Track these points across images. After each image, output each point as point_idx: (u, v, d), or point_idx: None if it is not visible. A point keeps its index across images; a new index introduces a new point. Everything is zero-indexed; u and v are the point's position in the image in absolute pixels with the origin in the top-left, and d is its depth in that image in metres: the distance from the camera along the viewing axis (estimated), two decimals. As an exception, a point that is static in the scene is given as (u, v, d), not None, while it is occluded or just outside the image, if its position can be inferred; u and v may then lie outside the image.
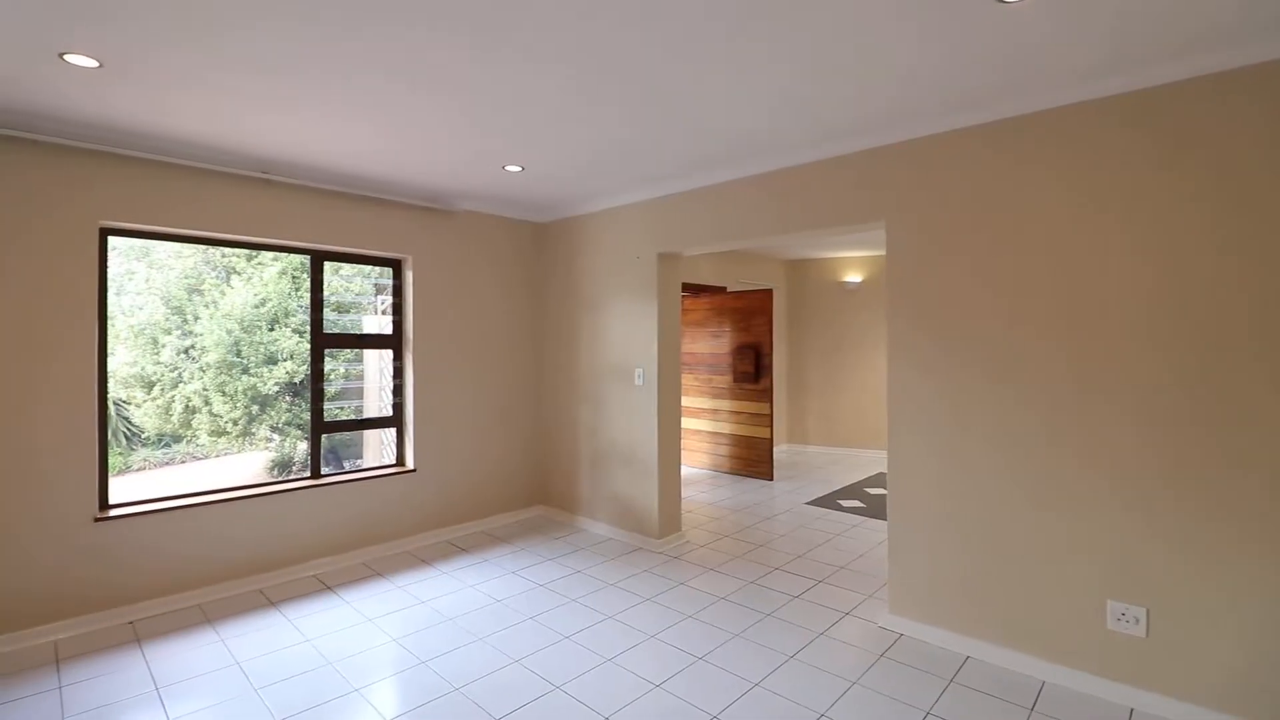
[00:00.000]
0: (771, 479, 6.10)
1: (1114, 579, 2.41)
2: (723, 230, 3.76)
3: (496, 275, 4.74)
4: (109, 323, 3.21)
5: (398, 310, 4.34)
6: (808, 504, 5.26)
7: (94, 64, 2.29)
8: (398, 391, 4.32)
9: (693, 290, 6.75)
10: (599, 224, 4.50)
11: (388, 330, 4.33)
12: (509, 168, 3.63)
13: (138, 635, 2.94)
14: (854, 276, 7.53)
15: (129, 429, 7.22)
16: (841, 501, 5.34)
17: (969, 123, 2.74)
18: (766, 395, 6.17)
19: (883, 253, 7.24)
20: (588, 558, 3.98)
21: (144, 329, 7.08)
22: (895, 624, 2.98)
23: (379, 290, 4.52)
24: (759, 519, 4.83)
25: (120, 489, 3.23)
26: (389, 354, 4.35)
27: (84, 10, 1.92)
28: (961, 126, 2.76)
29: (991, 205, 2.70)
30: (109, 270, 3.21)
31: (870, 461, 7.01)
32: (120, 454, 7.17)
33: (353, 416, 4.46)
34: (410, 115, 2.80)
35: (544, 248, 4.98)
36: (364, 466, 4.35)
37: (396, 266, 4.32)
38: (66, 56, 2.22)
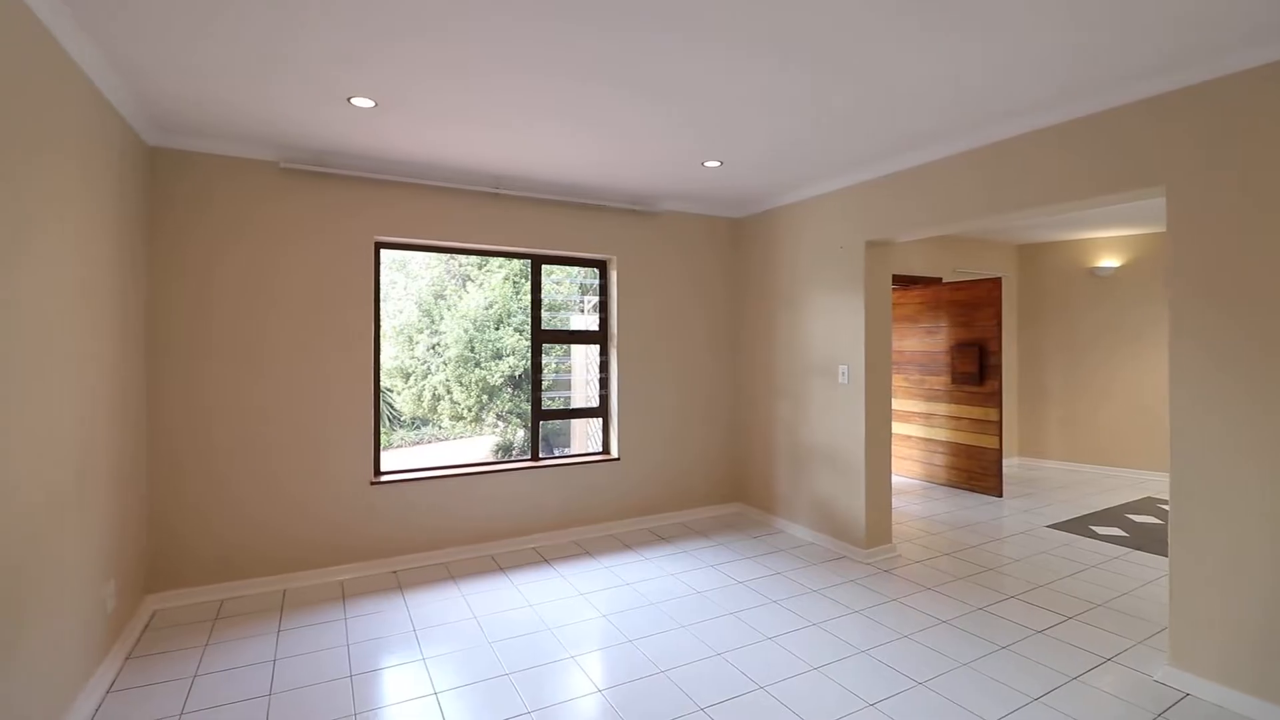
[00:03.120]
0: (1000, 495, 5.36)
1: None
2: (942, 212, 3.37)
3: (694, 272, 4.80)
4: (380, 322, 3.85)
5: (603, 308, 4.60)
6: (1049, 527, 4.52)
7: (371, 104, 2.75)
8: (603, 384, 4.59)
9: (901, 283, 6.20)
10: (798, 215, 4.33)
11: (594, 327, 4.62)
12: (708, 163, 3.64)
13: (400, 583, 3.48)
14: (1109, 261, 6.31)
15: (392, 412, 8.68)
16: (1095, 528, 4.50)
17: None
18: (993, 399, 5.44)
19: (1147, 230, 5.98)
20: (787, 560, 3.84)
21: (402, 329, 8.47)
22: (1176, 679, 2.41)
23: (585, 290, 4.85)
24: (985, 539, 4.26)
25: (386, 461, 3.87)
26: (595, 349, 4.64)
27: (366, 60, 2.31)
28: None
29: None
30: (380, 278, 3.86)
31: (1134, 483, 5.83)
32: (386, 433, 8.65)
33: (563, 406, 4.84)
34: (619, 120, 2.93)
35: (740, 244, 4.93)
36: (573, 453, 4.69)
37: (602, 267, 4.59)
38: (353, 100, 2.70)
